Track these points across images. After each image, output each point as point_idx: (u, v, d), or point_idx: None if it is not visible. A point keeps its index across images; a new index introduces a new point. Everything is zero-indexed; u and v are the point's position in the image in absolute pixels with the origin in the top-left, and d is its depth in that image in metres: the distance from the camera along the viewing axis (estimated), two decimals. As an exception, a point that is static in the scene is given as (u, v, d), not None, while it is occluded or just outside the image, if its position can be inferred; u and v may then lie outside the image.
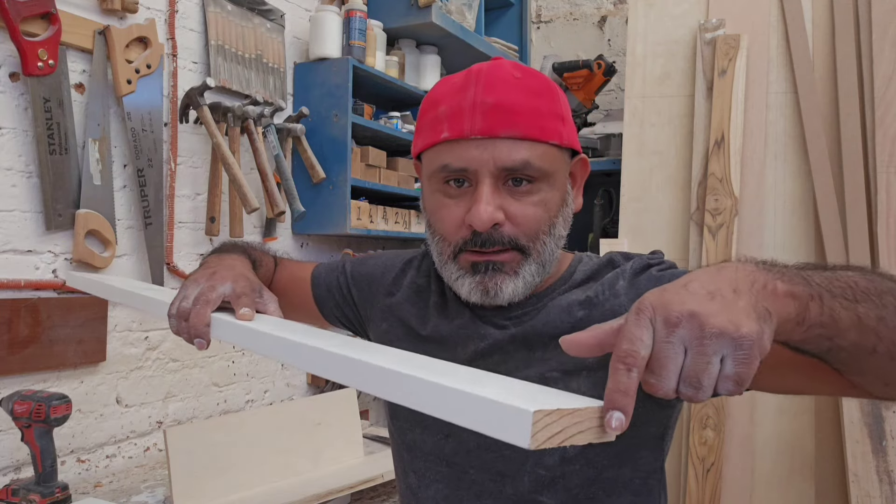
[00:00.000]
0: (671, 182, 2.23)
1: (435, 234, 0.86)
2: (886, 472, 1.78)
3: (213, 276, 0.84)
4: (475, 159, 0.79)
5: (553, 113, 0.82)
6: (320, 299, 1.08)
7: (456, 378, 0.56)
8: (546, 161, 0.80)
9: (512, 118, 0.78)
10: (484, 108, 0.79)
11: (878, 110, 1.98)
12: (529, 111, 0.79)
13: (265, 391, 2.16)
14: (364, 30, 2.26)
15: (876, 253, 1.94)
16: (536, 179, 0.80)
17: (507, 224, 0.80)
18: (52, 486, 1.39)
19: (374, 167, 2.38)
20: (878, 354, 0.59)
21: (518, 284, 0.81)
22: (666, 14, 2.32)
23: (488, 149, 0.78)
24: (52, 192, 1.56)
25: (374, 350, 0.68)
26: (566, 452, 0.81)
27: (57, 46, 1.50)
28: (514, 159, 0.78)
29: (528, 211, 0.80)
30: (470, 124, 0.79)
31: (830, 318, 0.56)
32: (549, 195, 0.82)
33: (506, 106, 0.79)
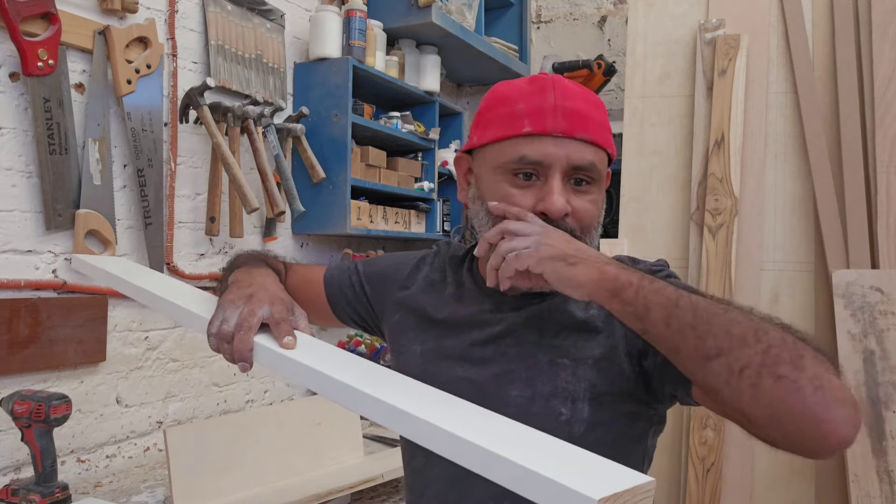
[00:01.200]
0: (671, 182, 2.23)
1: (493, 217, 0.91)
2: (886, 472, 1.78)
3: (251, 300, 0.88)
4: (552, 154, 0.88)
5: (606, 125, 0.94)
6: (333, 299, 1.12)
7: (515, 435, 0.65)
8: (602, 166, 0.92)
9: (586, 124, 0.90)
10: (565, 111, 0.89)
11: (878, 110, 1.98)
12: (597, 121, 0.91)
13: (265, 391, 2.16)
14: (364, 30, 2.26)
15: (876, 253, 1.94)
16: (594, 181, 0.91)
17: (570, 217, 0.90)
18: (52, 486, 1.39)
19: (374, 167, 2.38)
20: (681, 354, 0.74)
21: None
22: (666, 14, 2.32)
23: (565, 147, 0.88)
24: (52, 192, 1.56)
25: (415, 392, 0.74)
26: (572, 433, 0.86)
27: (57, 46, 1.50)
28: (585, 159, 0.89)
29: (587, 207, 0.91)
30: (553, 123, 0.88)
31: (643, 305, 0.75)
32: (599, 196, 0.93)
33: (582, 112, 0.90)
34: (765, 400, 0.68)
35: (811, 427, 0.66)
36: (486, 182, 0.93)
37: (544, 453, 0.62)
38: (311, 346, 0.84)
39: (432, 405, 0.70)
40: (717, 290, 2.05)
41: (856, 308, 1.88)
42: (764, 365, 0.68)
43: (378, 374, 0.79)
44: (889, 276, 1.88)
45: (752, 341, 0.70)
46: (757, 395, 0.68)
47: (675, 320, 0.73)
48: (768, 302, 2.07)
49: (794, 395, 0.66)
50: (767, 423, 0.69)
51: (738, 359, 0.69)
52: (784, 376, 0.67)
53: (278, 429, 1.57)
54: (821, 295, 2.02)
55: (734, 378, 0.69)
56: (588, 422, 0.87)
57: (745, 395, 0.69)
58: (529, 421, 0.81)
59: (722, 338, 0.71)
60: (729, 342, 0.70)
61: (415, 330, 1.00)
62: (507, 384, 0.90)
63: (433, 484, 0.95)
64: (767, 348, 0.69)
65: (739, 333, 0.70)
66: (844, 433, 0.67)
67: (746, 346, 0.69)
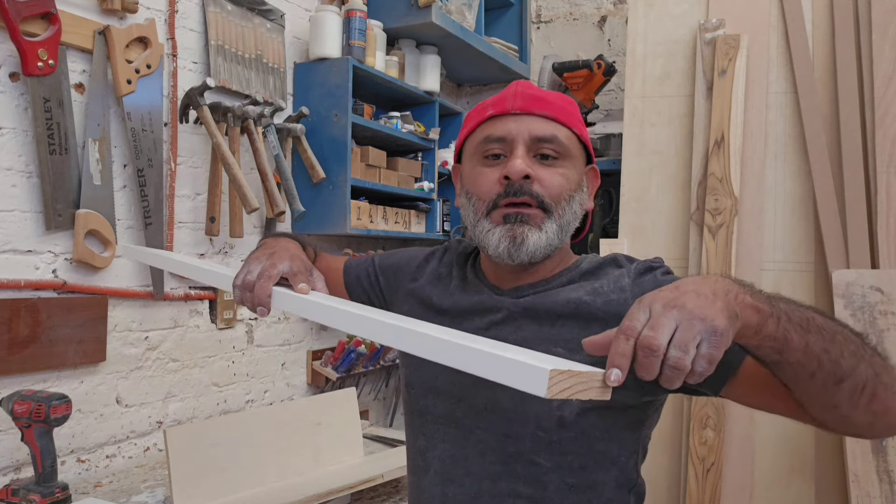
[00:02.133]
0: (671, 182, 2.23)
1: (472, 199, 0.99)
2: (886, 472, 1.78)
3: (273, 255, 0.98)
4: (513, 130, 0.96)
5: (575, 116, 1.00)
6: (350, 287, 1.21)
7: (488, 344, 0.71)
8: (570, 142, 0.97)
9: (545, 104, 0.97)
10: (524, 95, 0.98)
11: (878, 110, 1.98)
12: (560, 104, 0.98)
13: (265, 391, 2.16)
14: (364, 30, 2.26)
15: (876, 253, 1.94)
16: (561, 156, 0.96)
17: (536, 182, 0.94)
18: (52, 486, 1.39)
19: (374, 167, 2.38)
20: (816, 379, 0.73)
21: (541, 238, 0.95)
22: (666, 14, 2.32)
23: (524, 122, 0.96)
24: (52, 192, 1.56)
25: (414, 322, 0.82)
26: (564, 419, 0.91)
27: (57, 46, 1.50)
28: (546, 131, 0.95)
29: (554, 177, 0.96)
30: (511, 103, 0.97)
31: (783, 336, 0.71)
32: (570, 172, 0.97)
33: (541, 96, 0.98)
34: (875, 408, 0.74)
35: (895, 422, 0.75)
36: (466, 173, 1.03)
37: (513, 350, 0.71)
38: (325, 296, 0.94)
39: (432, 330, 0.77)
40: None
41: (856, 308, 1.88)
42: (877, 376, 0.73)
43: (384, 314, 0.87)
44: (889, 276, 1.88)
45: (862, 354, 0.73)
46: (871, 406, 0.73)
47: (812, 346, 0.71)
48: (768, 302, 2.07)
49: (893, 399, 0.74)
50: (869, 428, 0.76)
51: (861, 375, 0.72)
52: (888, 384, 0.73)
53: (278, 429, 1.57)
54: (821, 295, 2.02)
55: (857, 394, 0.73)
56: (579, 408, 0.91)
57: (860, 407, 0.73)
58: (525, 405, 0.92)
59: (849, 358, 0.72)
60: (854, 360, 0.72)
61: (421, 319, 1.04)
62: None
63: (435, 462, 1.00)
64: (871, 359, 0.73)
65: (854, 350, 0.73)
66: None
67: (864, 360, 0.73)
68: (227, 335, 2.04)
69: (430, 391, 1.02)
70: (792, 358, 0.72)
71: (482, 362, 0.67)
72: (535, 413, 0.92)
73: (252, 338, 2.12)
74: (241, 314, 2.08)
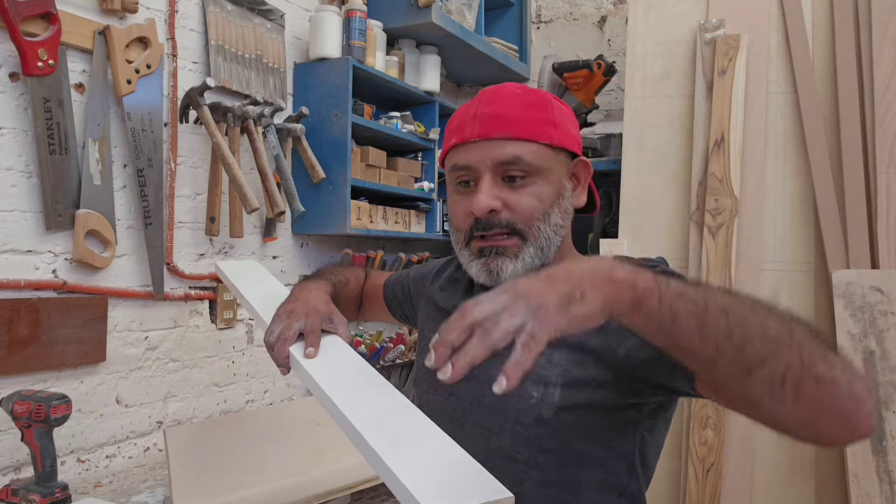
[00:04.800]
0: (671, 182, 2.23)
1: (452, 227, 1.03)
2: (886, 472, 1.78)
3: (291, 315, 1.02)
4: (475, 158, 0.95)
5: (545, 120, 0.96)
6: (388, 301, 1.31)
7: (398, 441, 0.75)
8: (537, 158, 0.94)
9: (505, 123, 0.94)
10: (483, 117, 0.96)
11: (878, 110, 1.98)
12: (522, 118, 0.95)
13: (265, 391, 2.16)
14: (364, 30, 2.26)
15: (876, 253, 1.94)
16: (530, 174, 0.94)
17: (505, 211, 0.94)
18: (51, 486, 1.39)
19: (374, 167, 2.38)
20: (718, 367, 0.66)
21: (517, 266, 0.95)
22: (666, 14, 2.32)
23: (485, 148, 0.95)
24: (52, 192, 1.56)
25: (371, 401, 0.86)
26: (541, 415, 0.92)
27: (57, 46, 1.50)
28: (507, 154, 0.93)
29: (523, 200, 0.94)
30: (471, 130, 0.96)
31: (669, 316, 0.66)
32: (543, 188, 0.95)
33: (500, 114, 0.95)
34: (807, 404, 0.64)
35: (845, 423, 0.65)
36: (448, 195, 1.05)
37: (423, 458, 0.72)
38: (333, 355, 0.98)
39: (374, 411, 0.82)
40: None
41: (856, 308, 1.88)
42: (803, 366, 0.63)
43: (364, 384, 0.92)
44: (889, 276, 1.89)
45: (788, 340, 0.64)
46: (799, 401, 0.64)
47: (709, 328, 0.65)
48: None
49: (833, 394, 0.64)
50: (804, 426, 0.67)
51: (779, 364, 0.64)
52: (822, 376, 0.64)
53: (278, 429, 1.57)
54: (821, 295, 2.02)
55: (777, 387, 0.64)
56: (557, 406, 0.91)
57: (787, 401, 0.64)
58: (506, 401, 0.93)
59: (760, 343, 0.64)
60: (769, 346, 0.64)
61: (434, 321, 1.11)
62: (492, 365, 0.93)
63: None
64: (801, 346, 0.64)
65: (775, 334, 0.64)
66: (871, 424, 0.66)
67: (785, 346, 0.64)
68: (228, 335, 2.04)
69: (430, 386, 1.06)
70: (683, 341, 0.66)
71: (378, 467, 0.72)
72: (516, 409, 0.93)
73: (252, 338, 2.12)
74: (242, 314, 2.08)
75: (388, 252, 2.60)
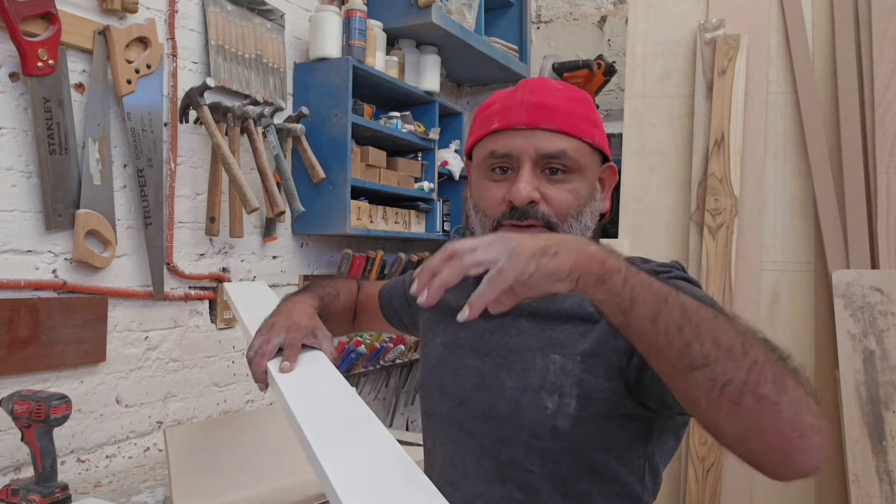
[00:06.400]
0: (671, 182, 2.23)
1: (479, 212, 1.00)
2: (886, 472, 1.78)
3: (272, 329, 1.02)
4: (518, 146, 0.93)
5: (587, 118, 0.96)
6: (384, 310, 1.28)
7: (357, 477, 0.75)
8: (579, 154, 0.94)
9: (552, 115, 0.93)
10: (529, 105, 0.94)
11: (878, 110, 1.98)
12: (567, 112, 0.94)
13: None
14: (364, 30, 2.26)
15: (876, 253, 1.94)
16: (570, 170, 0.94)
17: (542, 203, 0.93)
18: (51, 486, 1.39)
19: (374, 167, 2.38)
20: (665, 358, 0.69)
21: None
22: (666, 14, 2.32)
23: (531, 138, 0.93)
24: (52, 192, 1.56)
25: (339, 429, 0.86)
26: (557, 426, 0.90)
27: (57, 46, 1.50)
28: (553, 147, 0.92)
29: (561, 195, 0.93)
30: (517, 117, 0.94)
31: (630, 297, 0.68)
32: (580, 186, 0.95)
33: (548, 105, 0.94)
34: (743, 419, 0.65)
35: (782, 452, 0.66)
36: (473, 181, 1.02)
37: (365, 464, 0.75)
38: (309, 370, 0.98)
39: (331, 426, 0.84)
40: (717, 290, 2.05)
41: (856, 308, 1.88)
42: (748, 382, 0.65)
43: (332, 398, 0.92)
44: (889, 276, 1.89)
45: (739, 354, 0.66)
46: (735, 413, 0.65)
47: (662, 318, 0.67)
48: (768, 302, 2.07)
49: (772, 418, 0.64)
50: (738, 441, 0.68)
51: (723, 372, 0.65)
52: (766, 397, 0.64)
53: (278, 429, 1.57)
54: (821, 295, 2.02)
55: (715, 392, 0.66)
56: (574, 417, 0.89)
57: (722, 410, 0.66)
58: (520, 412, 0.92)
59: (709, 346, 0.66)
60: (716, 352, 0.66)
61: (440, 324, 1.09)
62: (504, 375, 0.95)
63: (439, 462, 1.03)
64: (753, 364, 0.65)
65: (727, 344, 0.66)
66: (812, 462, 0.67)
67: (733, 359, 0.65)
68: (227, 335, 2.04)
69: (436, 392, 1.04)
70: (637, 324, 0.68)
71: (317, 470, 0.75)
72: (530, 421, 0.91)
73: (252, 338, 2.12)
74: (241, 314, 2.08)
75: (388, 252, 2.60)
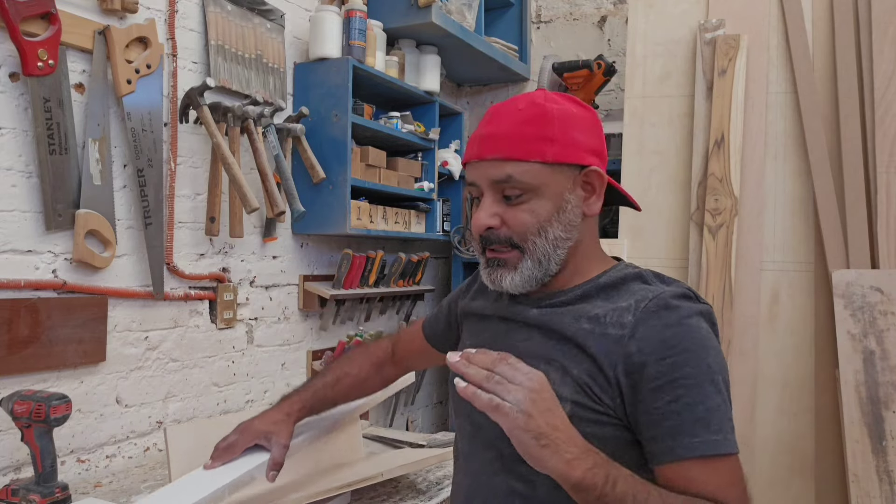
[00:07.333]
0: (671, 182, 2.23)
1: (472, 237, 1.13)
2: (886, 472, 1.78)
3: (235, 431, 1.26)
4: (476, 176, 1.01)
5: (540, 137, 0.98)
6: (430, 339, 1.33)
7: None
8: (528, 176, 0.97)
9: (496, 144, 0.99)
10: (480, 138, 1.01)
11: (878, 110, 1.98)
12: (516, 137, 0.98)
13: (265, 391, 2.17)
14: (364, 30, 2.26)
15: (876, 253, 1.94)
16: (525, 191, 0.98)
17: (504, 227, 1.00)
18: (51, 486, 1.39)
19: (374, 167, 2.38)
20: None
21: (516, 277, 1.01)
22: (666, 14, 2.32)
23: (482, 168, 1.00)
24: (52, 192, 1.56)
25: None
26: None
27: (57, 46, 1.50)
28: (500, 174, 0.98)
29: (518, 217, 0.99)
30: (472, 150, 1.02)
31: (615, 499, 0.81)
32: (538, 204, 0.98)
33: (495, 134, 0.99)
34: None
35: None
36: None
37: None
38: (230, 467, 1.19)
39: None
40: (717, 290, 2.05)
41: (856, 308, 1.88)
42: None
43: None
44: (889, 276, 1.89)
45: None
46: None
47: None
48: (768, 302, 2.07)
49: None
50: None
51: None
52: None
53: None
54: (821, 295, 2.02)
55: None
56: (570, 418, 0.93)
57: None
58: None
59: None
60: None
61: (469, 330, 1.17)
62: None
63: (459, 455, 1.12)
64: None
65: None
66: None
67: None
68: (227, 335, 2.04)
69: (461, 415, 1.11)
70: None
71: None
72: None
73: (252, 338, 2.12)
74: (241, 314, 2.08)
75: (388, 252, 2.61)
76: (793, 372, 2.01)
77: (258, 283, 2.15)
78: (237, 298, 2.05)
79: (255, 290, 2.13)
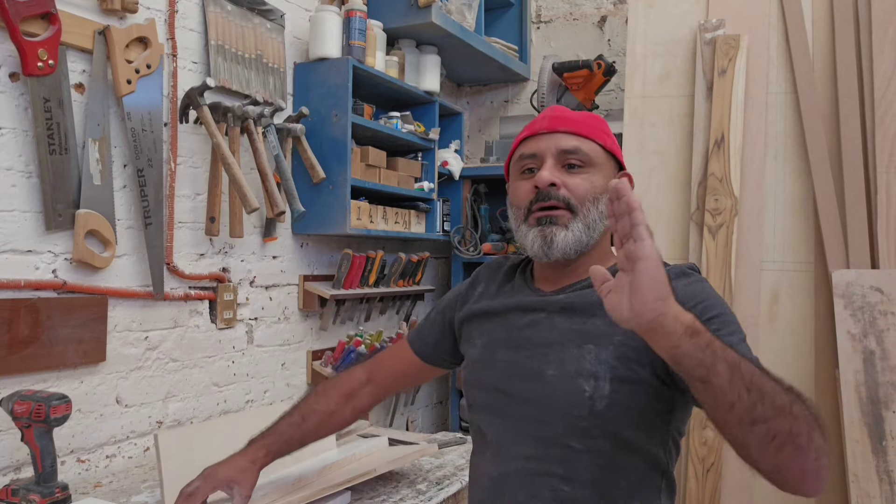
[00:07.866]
0: (671, 182, 2.23)
1: (512, 207, 1.18)
2: (886, 472, 1.78)
3: (199, 477, 1.26)
4: (542, 146, 1.14)
5: (601, 130, 1.16)
6: (420, 353, 1.35)
7: None
8: (593, 152, 1.13)
9: (569, 122, 1.14)
10: (551, 117, 1.15)
11: (878, 110, 1.98)
12: (583, 122, 1.15)
13: (265, 391, 2.17)
14: (364, 30, 2.26)
15: (876, 253, 1.94)
16: (586, 164, 1.12)
17: (562, 188, 1.10)
18: (51, 486, 1.39)
19: (374, 167, 2.38)
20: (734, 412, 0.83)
21: (568, 235, 1.09)
22: (666, 14, 2.32)
23: (552, 138, 1.13)
24: (52, 192, 1.56)
25: None
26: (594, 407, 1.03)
27: (57, 46, 1.50)
28: (569, 144, 1.12)
29: (578, 182, 1.11)
30: (540, 125, 1.15)
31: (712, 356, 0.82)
32: (595, 178, 1.12)
33: (566, 116, 1.15)
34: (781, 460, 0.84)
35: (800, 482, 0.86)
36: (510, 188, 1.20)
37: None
38: None
39: None
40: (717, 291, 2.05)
41: (856, 308, 1.88)
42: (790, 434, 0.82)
43: None
44: (889, 276, 1.89)
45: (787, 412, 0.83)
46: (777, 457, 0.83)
47: (737, 379, 0.82)
48: (768, 302, 2.07)
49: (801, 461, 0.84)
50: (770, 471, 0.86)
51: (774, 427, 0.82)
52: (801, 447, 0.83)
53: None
54: (821, 295, 2.02)
55: (766, 441, 0.83)
56: (608, 399, 1.03)
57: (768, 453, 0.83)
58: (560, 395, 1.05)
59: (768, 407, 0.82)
60: (773, 412, 0.82)
61: (478, 329, 1.21)
62: (543, 364, 1.08)
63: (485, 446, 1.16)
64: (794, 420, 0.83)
65: (780, 404, 0.83)
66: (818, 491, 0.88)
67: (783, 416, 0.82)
68: (227, 335, 2.04)
69: (475, 386, 1.18)
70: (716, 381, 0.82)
71: None
72: (571, 403, 1.04)
73: (252, 338, 2.12)
74: (241, 314, 2.08)
75: (388, 252, 2.61)
76: (793, 372, 2.01)
77: (258, 283, 2.15)
78: (237, 298, 2.05)
79: (255, 290, 2.14)
